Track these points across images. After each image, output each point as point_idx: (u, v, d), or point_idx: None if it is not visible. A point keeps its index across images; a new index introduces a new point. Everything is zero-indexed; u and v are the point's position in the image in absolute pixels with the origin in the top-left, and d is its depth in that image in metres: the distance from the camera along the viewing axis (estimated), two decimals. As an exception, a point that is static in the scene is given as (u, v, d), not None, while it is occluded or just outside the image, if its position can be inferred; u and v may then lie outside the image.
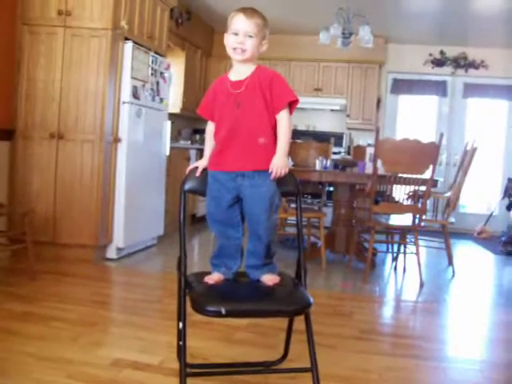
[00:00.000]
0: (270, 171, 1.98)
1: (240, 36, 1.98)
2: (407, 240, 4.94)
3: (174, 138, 6.84)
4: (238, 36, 1.98)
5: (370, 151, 4.65)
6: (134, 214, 4.64)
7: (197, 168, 2.14)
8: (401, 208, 4.54)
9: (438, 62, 7.77)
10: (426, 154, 4.17)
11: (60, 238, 4.33)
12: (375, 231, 4.44)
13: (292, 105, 2.03)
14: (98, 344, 2.62)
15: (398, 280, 4.63)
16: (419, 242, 4.42)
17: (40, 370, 2.26)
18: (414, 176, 4.28)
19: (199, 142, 7.22)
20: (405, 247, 4.93)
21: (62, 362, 2.36)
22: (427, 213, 5.09)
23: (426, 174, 4.21)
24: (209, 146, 2.15)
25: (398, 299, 4.06)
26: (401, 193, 4.43)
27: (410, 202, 4.55)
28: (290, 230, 5.68)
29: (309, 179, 4.69)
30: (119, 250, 4.53)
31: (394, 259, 5.12)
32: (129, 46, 4.42)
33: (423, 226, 4.57)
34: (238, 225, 2.10)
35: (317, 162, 4.83)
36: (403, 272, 4.79)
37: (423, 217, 4.45)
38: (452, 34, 7.14)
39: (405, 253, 4.91)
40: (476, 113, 7.91)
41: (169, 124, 5.35)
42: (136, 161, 4.61)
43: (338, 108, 7.79)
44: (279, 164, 1.98)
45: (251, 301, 1.95)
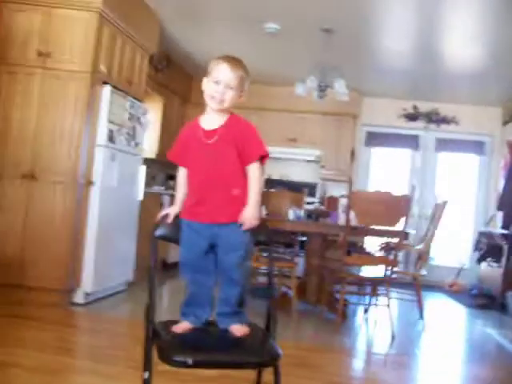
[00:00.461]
0: (240, 223, 1.97)
1: (221, 86, 1.96)
2: (378, 292, 4.94)
3: (148, 183, 6.81)
4: (218, 85, 1.96)
5: (342, 202, 4.69)
6: (104, 258, 4.55)
7: (167, 214, 2.12)
8: (373, 260, 4.55)
9: (411, 117, 7.98)
10: (398, 207, 4.21)
11: (27, 281, 4.23)
12: (347, 282, 4.43)
13: (263, 158, 2.03)
14: (57, 394, 2.52)
15: (369, 332, 4.60)
16: (391, 293, 4.42)
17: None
18: (386, 228, 4.32)
19: (173, 187, 7.17)
20: (376, 299, 4.93)
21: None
22: (399, 265, 5.11)
23: (398, 226, 4.25)
24: (181, 192, 2.12)
25: (368, 351, 4.02)
26: (373, 244, 4.46)
27: (382, 254, 4.57)
28: (261, 279, 5.63)
29: (282, 229, 4.67)
30: (87, 294, 4.42)
31: (366, 311, 5.11)
32: (107, 89, 4.43)
33: (395, 278, 4.58)
34: (211, 273, 2.07)
35: (290, 211, 4.85)
36: (374, 324, 4.77)
37: (395, 269, 4.46)
38: (425, 90, 7.37)
39: (376, 304, 4.90)
40: (447, 167, 8.09)
41: (143, 169, 5.34)
42: (108, 205, 4.56)
43: (312, 159, 7.86)
44: (248, 216, 1.97)
45: (219, 351, 1.90)
